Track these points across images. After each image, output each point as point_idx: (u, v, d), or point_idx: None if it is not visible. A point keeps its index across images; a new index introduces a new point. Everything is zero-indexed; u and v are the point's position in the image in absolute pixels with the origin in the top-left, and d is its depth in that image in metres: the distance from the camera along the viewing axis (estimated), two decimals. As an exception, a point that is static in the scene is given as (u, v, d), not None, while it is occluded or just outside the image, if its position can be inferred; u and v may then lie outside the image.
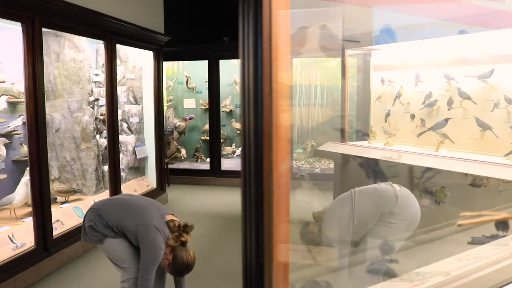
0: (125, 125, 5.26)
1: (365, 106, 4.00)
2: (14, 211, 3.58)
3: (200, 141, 7.52)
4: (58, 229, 3.58)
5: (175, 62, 7.52)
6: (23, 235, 3.28)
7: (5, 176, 3.69)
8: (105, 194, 4.38)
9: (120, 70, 5.10)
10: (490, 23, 2.71)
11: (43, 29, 3.28)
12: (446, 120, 3.11)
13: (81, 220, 3.89)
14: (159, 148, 5.58)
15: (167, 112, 7.29)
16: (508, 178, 2.57)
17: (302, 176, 6.06)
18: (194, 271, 3.42)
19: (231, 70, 7.24)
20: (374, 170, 3.41)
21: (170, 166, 6.75)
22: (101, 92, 4.83)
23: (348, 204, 2.36)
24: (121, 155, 4.98)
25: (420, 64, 3.43)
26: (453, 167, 2.83)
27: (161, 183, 5.58)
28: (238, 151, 7.40)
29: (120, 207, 2.45)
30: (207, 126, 7.01)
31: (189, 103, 7.57)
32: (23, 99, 3.52)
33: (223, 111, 7.21)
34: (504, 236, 2.41)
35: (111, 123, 4.28)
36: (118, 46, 4.59)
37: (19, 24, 3.11)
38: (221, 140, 7.04)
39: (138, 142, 5.45)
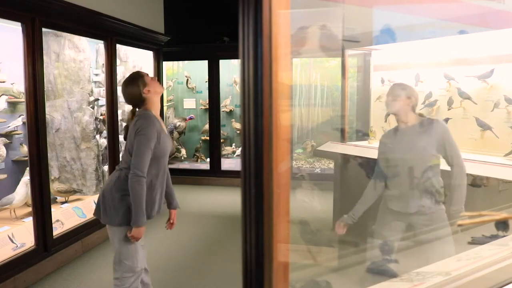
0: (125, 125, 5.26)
1: (365, 106, 4.00)
2: (14, 211, 3.58)
3: (200, 141, 7.53)
4: (58, 229, 3.58)
5: (175, 62, 7.53)
6: (23, 235, 3.28)
7: (5, 176, 3.69)
8: (105, 194, 4.38)
9: (120, 70, 5.10)
10: (490, 23, 2.71)
11: (43, 29, 3.28)
12: (446, 120, 3.11)
13: (81, 220, 3.92)
14: (159, 148, 5.57)
15: (167, 112, 7.29)
16: (508, 178, 2.57)
17: (302, 176, 6.06)
18: (194, 270, 3.43)
19: (231, 70, 7.24)
20: (374, 170, 3.40)
21: (170, 166, 6.74)
22: (101, 92, 4.83)
23: None
24: (121, 155, 4.98)
25: (420, 64, 3.43)
26: (453, 167, 2.83)
27: (161, 183, 5.57)
28: (238, 151, 7.40)
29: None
30: (207, 126, 7.01)
31: (189, 103, 7.58)
32: (23, 99, 3.52)
33: (223, 111, 7.22)
34: (504, 236, 2.41)
35: (111, 123, 4.28)
36: (118, 46, 4.59)
37: (19, 24, 3.11)
38: (221, 140, 7.04)
39: (138, 142, 5.44)
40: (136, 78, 2.27)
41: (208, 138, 6.96)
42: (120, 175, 2.27)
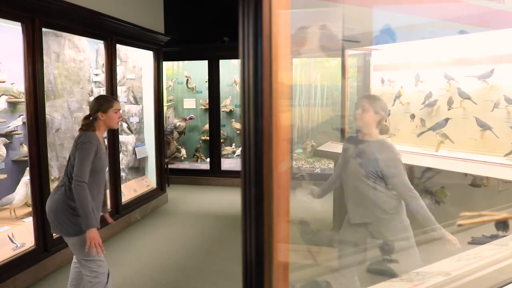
0: (125, 125, 5.26)
1: (365, 106, 4.00)
2: (14, 211, 3.58)
3: (200, 141, 7.53)
4: (58, 229, 3.58)
5: (175, 62, 7.53)
6: (23, 235, 3.28)
7: (5, 176, 3.69)
8: (105, 194, 4.38)
9: (120, 70, 5.10)
10: (490, 23, 2.71)
11: (43, 29, 3.28)
12: (446, 120, 3.11)
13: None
14: (159, 148, 5.58)
15: (167, 112, 7.29)
16: (508, 178, 2.57)
17: (302, 176, 6.06)
18: (194, 270, 3.43)
19: (231, 70, 7.24)
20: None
21: (170, 166, 6.75)
22: (101, 92, 4.83)
23: None
24: (121, 155, 4.98)
25: (420, 64, 3.43)
26: (453, 167, 2.83)
27: (161, 183, 5.58)
28: (238, 151, 7.40)
29: None
30: (207, 126, 7.01)
31: (189, 103, 7.58)
32: (23, 99, 3.52)
33: (223, 111, 7.22)
34: (504, 236, 2.41)
35: (111, 123, 4.27)
36: (118, 46, 4.59)
37: (19, 24, 3.11)
38: (221, 140, 7.04)
39: (138, 142, 5.45)
40: (106, 100, 2.49)
41: (208, 138, 6.96)
42: (65, 190, 2.38)
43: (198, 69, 7.27)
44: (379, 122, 2.25)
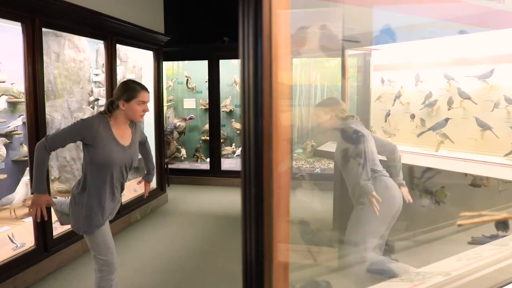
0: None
1: (365, 106, 4.00)
2: (14, 211, 3.58)
3: (200, 141, 7.53)
4: (58, 229, 3.58)
5: (175, 62, 7.53)
6: (23, 235, 3.28)
7: (5, 176, 3.69)
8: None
9: (120, 70, 5.10)
10: (490, 23, 2.71)
11: (43, 29, 3.28)
12: (446, 120, 3.11)
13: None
14: (159, 148, 5.58)
15: (167, 112, 7.29)
16: (508, 178, 2.57)
17: (302, 176, 6.06)
18: (194, 270, 3.43)
19: (231, 70, 7.24)
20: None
21: (170, 166, 6.75)
22: (101, 92, 4.83)
23: None
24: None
25: (420, 64, 3.43)
26: (453, 167, 2.83)
27: (161, 183, 5.58)
28: (238, 151, 7.40)
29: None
30: (207, 126, 7.01)
31: (189, 103, 7.58)
32: (23, 99, 3.52)
33: (223, 111, 7.22)
34: (504, 236, 2.41)
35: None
36: (118, 46, 4.59)
37: (19, 24, 3.11)
38: (221, 140, 7.04)
39: (138, 142, 5.44)
40: (130, 88, 2.20)
41: (208, 138, 6.96)
42: (77, 183, 2.31)
43: (198, 69, 7.27)
44: (332, 117, 2.59)
